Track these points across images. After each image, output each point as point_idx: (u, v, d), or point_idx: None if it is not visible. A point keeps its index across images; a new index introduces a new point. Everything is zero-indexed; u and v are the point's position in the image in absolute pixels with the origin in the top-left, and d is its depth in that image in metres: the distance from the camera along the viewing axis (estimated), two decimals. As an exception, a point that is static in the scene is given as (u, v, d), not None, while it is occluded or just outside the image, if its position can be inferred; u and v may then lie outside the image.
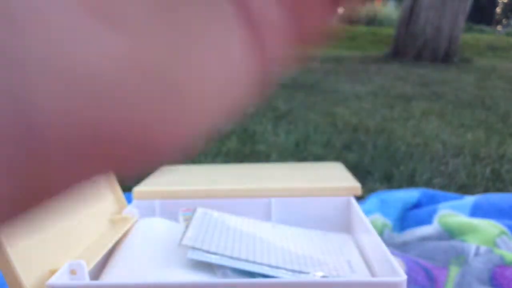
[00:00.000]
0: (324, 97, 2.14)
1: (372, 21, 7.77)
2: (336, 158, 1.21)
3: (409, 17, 4.04)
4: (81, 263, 0.36)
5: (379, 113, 1.83)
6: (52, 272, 0.36)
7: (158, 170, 0.69)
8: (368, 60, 3.83)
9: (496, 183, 1.08)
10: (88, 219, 0.46)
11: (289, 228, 0.53)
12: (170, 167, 0.72)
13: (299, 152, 1.27)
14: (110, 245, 0.44)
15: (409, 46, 4.02)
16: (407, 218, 0.78)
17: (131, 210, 0.52)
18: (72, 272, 0.36)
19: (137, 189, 0.57)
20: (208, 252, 0.42)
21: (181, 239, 0.43)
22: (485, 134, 1.54)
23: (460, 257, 0.63)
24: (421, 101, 2.14)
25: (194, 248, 0.42)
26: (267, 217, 0.57)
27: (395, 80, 2.80)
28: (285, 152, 1.26)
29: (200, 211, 0.51)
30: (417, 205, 0.81)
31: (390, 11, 8.22)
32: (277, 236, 0.49)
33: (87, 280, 0.37)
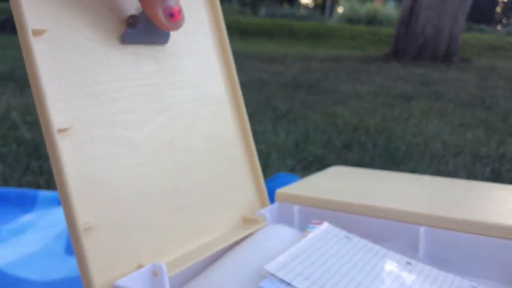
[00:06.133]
0: (324, 97, 2.14)
1: (372, 21, 7.77)
2: (336, 158, 1.21)
3: (409, 17, 4.04)
4: (162, 267, 0.33)
5: (379, 113, 1.83)
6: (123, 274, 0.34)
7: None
8: (368, 60, 3.83)
9: (496, 183, 1.08)
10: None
11: (435, 272, 0.38)
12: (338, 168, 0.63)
13: (299, 152, 1.27)
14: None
15: (409, 46, 4.02)
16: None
17: (263, 213, 0.46)
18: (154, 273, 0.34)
19: (280, 191, 0.52)
20: (288, 285, 0.33)
21: (269, 263, 0.35)
22: (485, 134, 1.54)
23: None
24: (421, 101, 2.14)
25: (273, 276, 0.33)
26: (413, 248, 0.44)
27: (395, 80, 2.80)
28: (285, 152, 1.26)
29: (323, 228, 0.41)
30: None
31: (390, 11, 8.23)
32: (409, 280, 0.35)
33: (166, 285, 0.33)
